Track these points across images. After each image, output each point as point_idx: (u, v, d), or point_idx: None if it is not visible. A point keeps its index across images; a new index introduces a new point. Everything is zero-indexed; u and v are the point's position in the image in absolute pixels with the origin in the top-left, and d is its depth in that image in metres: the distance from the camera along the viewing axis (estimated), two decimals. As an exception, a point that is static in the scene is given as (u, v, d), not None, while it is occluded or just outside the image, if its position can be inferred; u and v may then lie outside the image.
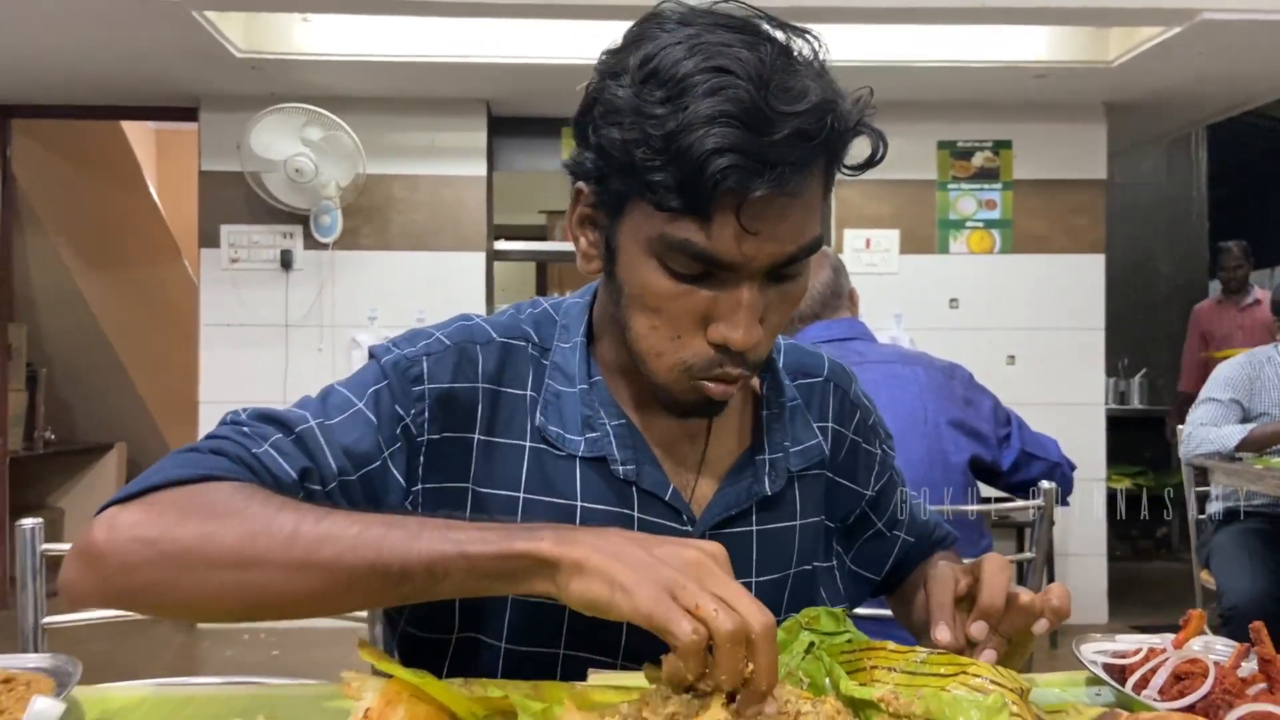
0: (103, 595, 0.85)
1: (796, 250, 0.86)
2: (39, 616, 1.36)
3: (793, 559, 1.06)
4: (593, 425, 0.97)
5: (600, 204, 0.91)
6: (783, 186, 0.81)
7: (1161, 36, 3.97)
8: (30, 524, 1.37)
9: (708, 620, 0.68)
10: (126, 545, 0.81)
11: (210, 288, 4.82)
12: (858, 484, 1.13)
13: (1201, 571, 3.37)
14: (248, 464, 0.88)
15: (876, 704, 0.73)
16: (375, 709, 0.76)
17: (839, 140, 0.86)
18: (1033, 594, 0.89)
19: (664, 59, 0.82)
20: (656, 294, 0.87)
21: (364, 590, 0.79)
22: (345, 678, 0.81)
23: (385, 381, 0.96)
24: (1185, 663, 0.85)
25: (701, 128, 0.79)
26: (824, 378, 1.13)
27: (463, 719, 0.76)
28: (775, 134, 0.80)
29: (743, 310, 0.85)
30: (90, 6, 3.57)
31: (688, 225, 0.83)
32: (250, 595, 0.80)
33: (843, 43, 4.30)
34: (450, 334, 0.99)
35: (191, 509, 0.82)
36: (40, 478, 6.16)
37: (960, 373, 2.06)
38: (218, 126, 4.76)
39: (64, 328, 6.16)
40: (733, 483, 1.02)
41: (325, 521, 0.79)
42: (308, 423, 0.93)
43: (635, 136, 0.82)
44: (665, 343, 0.89)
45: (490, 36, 4.24)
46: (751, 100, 0.79)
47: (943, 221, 4.98)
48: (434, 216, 4.88)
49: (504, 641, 0.98)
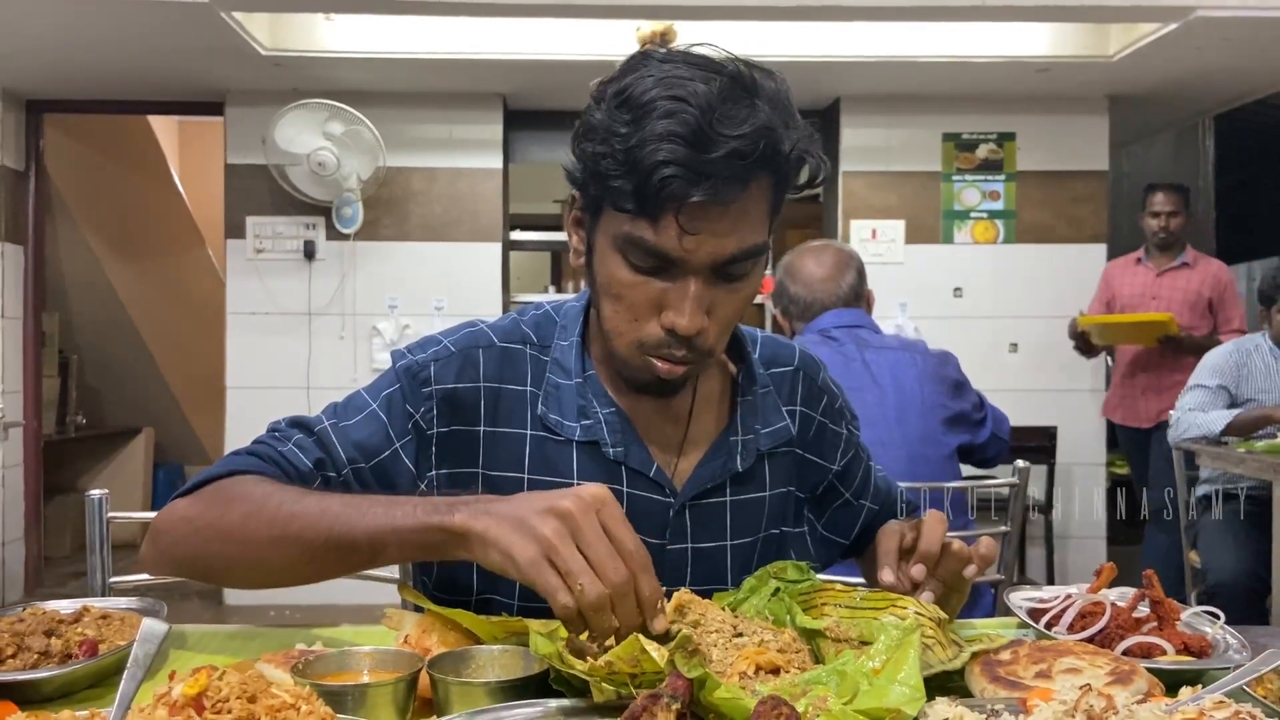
0: (162, 564, 1.11)
1: (736, 251, 1.01)
2: (106, 577, 1.53)
3: (762, 525, 1.21)
4: (587, 413, 1.14)
5: (585, 208, 1.08)
6: (718, 195, 0.96)
7: (1159, 32, 4.07)
8: (98, 494, 1.53)
9: (574, 593, 0.81)
10: (175, 525, 1.07)
11: (236, 277, 4.99)
12: (825, 459, 1.29)
13: (1190, 552, 3.50)
14: (274, 460, 1.09)
15: (823, 632, 0.88)
16: (413, 636, 0.92)
17: (779, 161, 1.01)
18: (963, 543, 1.04)
19: (635, 88, 0.99)
20: (619, 283, 1.04)
21: (325, 560, 0.98)
22: (388, 613, 0.97)
23: (398, 385, 1.14)
24: (1091, 604, 1.00)
25: (653, 144, 0.95)
26: (794, 367, 1.28)
27: (485, 640, 0.92)
28: (714, 152, 0.95)
29: (689, 300, 1.01)
30: (121, 6, 3.71)
31: (641, 225, 0.99)
32: (249, 563, 1.02)
33: (850, 39, 4.43)
34: (456, 341, 1.17)
35: (219, 497, 1.04)
36: (71, 460, 6.35)
37: (951, 359, 2.24)
38: (243, 121, 4.92)
39: (94, 316, 6.34)
40: (709, 460, 1.17)
41: (300, 503, 0.98)
42: (324, 424, 1.13)
43: (604, 150, 0.99)
44: (625, 324, 1.06)
45: (506, 33, 4.37)
46: (697, 123, 0.95)
47: (947, 212, 5.10)
48: (452, 208, 5.03)
49: (516, 600, 1.14)
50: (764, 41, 4.43)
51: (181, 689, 0.65)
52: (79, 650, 0.96)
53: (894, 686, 0.74)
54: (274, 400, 4.85)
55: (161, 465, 6.85)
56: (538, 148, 5.27)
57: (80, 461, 6.45)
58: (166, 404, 6.87)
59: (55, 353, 5.91)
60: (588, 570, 0.82)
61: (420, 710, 0.83)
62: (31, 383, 5.14)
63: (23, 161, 5.04)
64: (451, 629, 0.93)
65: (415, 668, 0.83)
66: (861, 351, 2.12)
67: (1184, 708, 0.68)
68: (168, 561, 1.09)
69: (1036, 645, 0.89)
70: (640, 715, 0.66)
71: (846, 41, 4.45)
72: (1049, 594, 1.07)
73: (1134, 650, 0.93)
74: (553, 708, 0.79)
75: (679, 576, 1.15)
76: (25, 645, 0.95)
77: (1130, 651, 0.93)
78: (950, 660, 0.86)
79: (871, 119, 5.07)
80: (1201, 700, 0.70)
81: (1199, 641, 0.95)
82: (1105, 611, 0.97)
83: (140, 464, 6.57)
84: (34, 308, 5.12)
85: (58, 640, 0.97)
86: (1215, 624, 0.99)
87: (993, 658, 0.88)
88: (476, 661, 0.88)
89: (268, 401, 4.86)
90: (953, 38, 4.45)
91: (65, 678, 0.91)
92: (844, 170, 5.08)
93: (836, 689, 0.76)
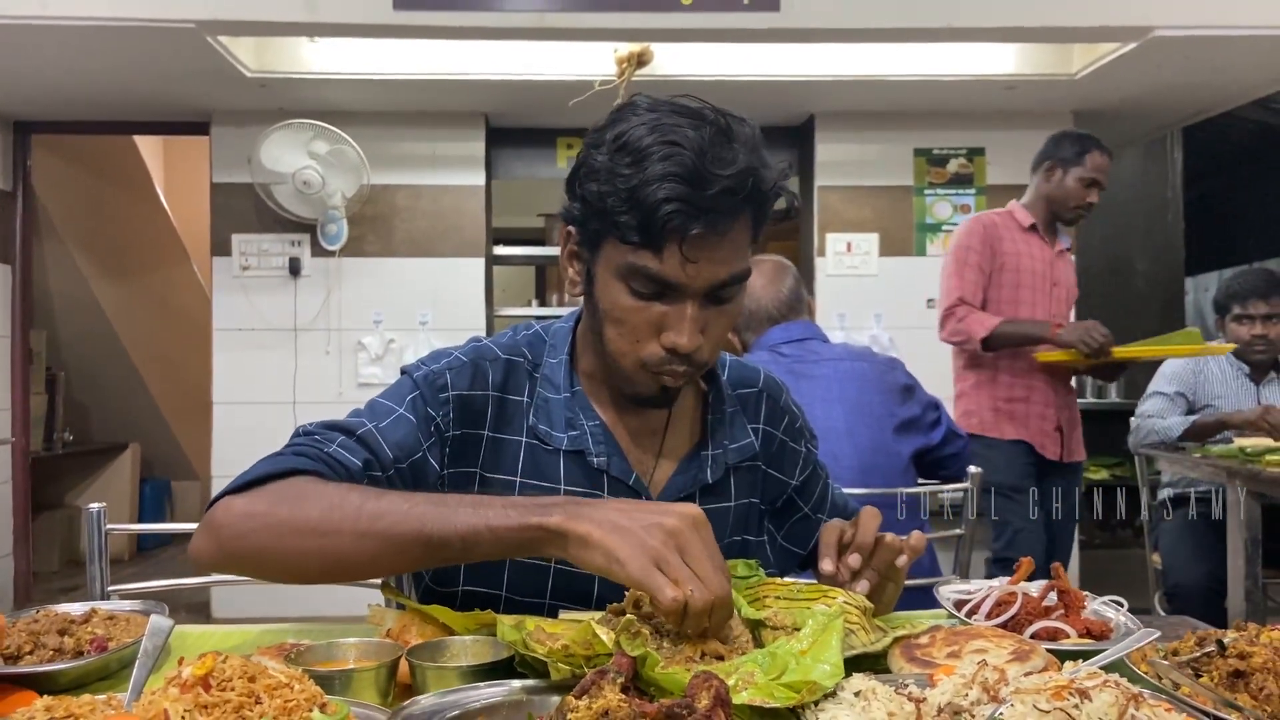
0: (221, 559, 1.10)
1: (728, 276, 1.14)
2: (105, 585, 1.62)
3: (727, 533, 1.33)
4: (574, 425, 1.25)
5: (583, 242, 1.20)
6: (714, 228, 1.09)
7: (1119, 51, 4.22)
8: (96, 507, 1.62)
9: (685, 595, 0.90)
10: (239, 520, 1.07)
11: (222, 294, 5.07)
12: (784, 475, 1.41)
13: (1153, 554, 3.62)
14: (324, 460, 1.14)
15: (764, 621, 0.99)
16: (394, 630, 1.01)
17: (761, 197, 1.14)
18: (896, 535, 1.15)
19: (631, 135, 1.11)
20: (622, 309, 1.15)
21: (411, 555, 1.03)
22: (371, 609, 1.07)
23: (418, 391, 1.23)
24: (1007, 594, 1.11)
25: (655, 183, 1.08)
26: (759, 388, 1.41)
27: (459, 632, 1.02)
28: (710, 190, 1.08)
29: (687, 321, 1.13)
30: (109, 31, 3.79)
31: (645, 255, 1.11)
32: (329, 557, 1.04)
33: (824, 59, 4.55)
34: (466, 353, 1.28)
35: (284, 494, 1.08)
36: (59, 476, 6.41)
37: (898, 364, 2.32)
38: (229, 141, 5.01)
39: (81, 333, 6.41)
40: (683, 472, 1.30)
41: (383, 500, 1.04)
42: (365, 426, 1.19)
43: (608, 190, 1.11)
44: (628, 345, 1.17)
45: (487, 54, 4.48)
46: (694, 164, 1.08)
47: (920, 225, 5.22)
48: (435, 224, 5.13)
49: (504, 591, 1.25)
50: (740, 62, 4.56)
51: (191, 670, 0.75)
52: (89, 647, 1.05)
53: (817, 665, 0.85)
54: (260, 415, 4.93)
55: (148, 480, 6.91)
56: (519, 164, 5.38)
57: (68, 477, 6.51)
58: (153, 419, 6.93)
59: (43, 370, 5.97)
60: (695, 579, 0.91)
61: (400, 694, 0.93)
62: (19, 399, 5.20)
63: (10, 181, 5.12)
64: (429, 623, 1.03)
65: (396, 655, 0.94)
66: (810, 366, 2.20)
67: (1058, 678, 0.78)
68: (228, 556, 1.09)
69: (951, 630, 1.00)
70: (590, 689, 0.76)
71: (820, 61, 4.58)
72: (974, 586, 1.18)
73: (1040, 634, 1.04)
74: (517, 687, 0.89)
75: None
76: (41, 643, 1.05)
77: (1037, 635, 1.03)
78: (873, 644, 0.97)
79: (845, 135, 5.20)
80: (1079, 672, 0.80)
81: (1100, 626, 1.06)
82: (1017, 600, 1.08)
83: (127, 479, 6.63)
84: (22, 325, 5.18)
85: (70, 639, 1.07)
86: (1119, 611, 1.10)
87: (912, 641, 0.99)
88: (451, 650, 0.99)
89: (254, 416, 4.95)
90: (923, 57, 4.58)
91: (79, 670, 1.01)
92: (819, 185, 5.20)
93: (766, 668, 0.86)
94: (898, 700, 0.83)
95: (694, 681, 0.76)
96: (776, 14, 3.80)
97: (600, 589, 1.24)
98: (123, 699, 0.86)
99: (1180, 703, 0.83)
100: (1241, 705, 0.84)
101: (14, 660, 1.02)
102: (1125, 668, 0.94)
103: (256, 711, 0.73)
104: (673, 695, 0.78)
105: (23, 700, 0.92)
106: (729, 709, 0.75)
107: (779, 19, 3.81)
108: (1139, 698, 0.76)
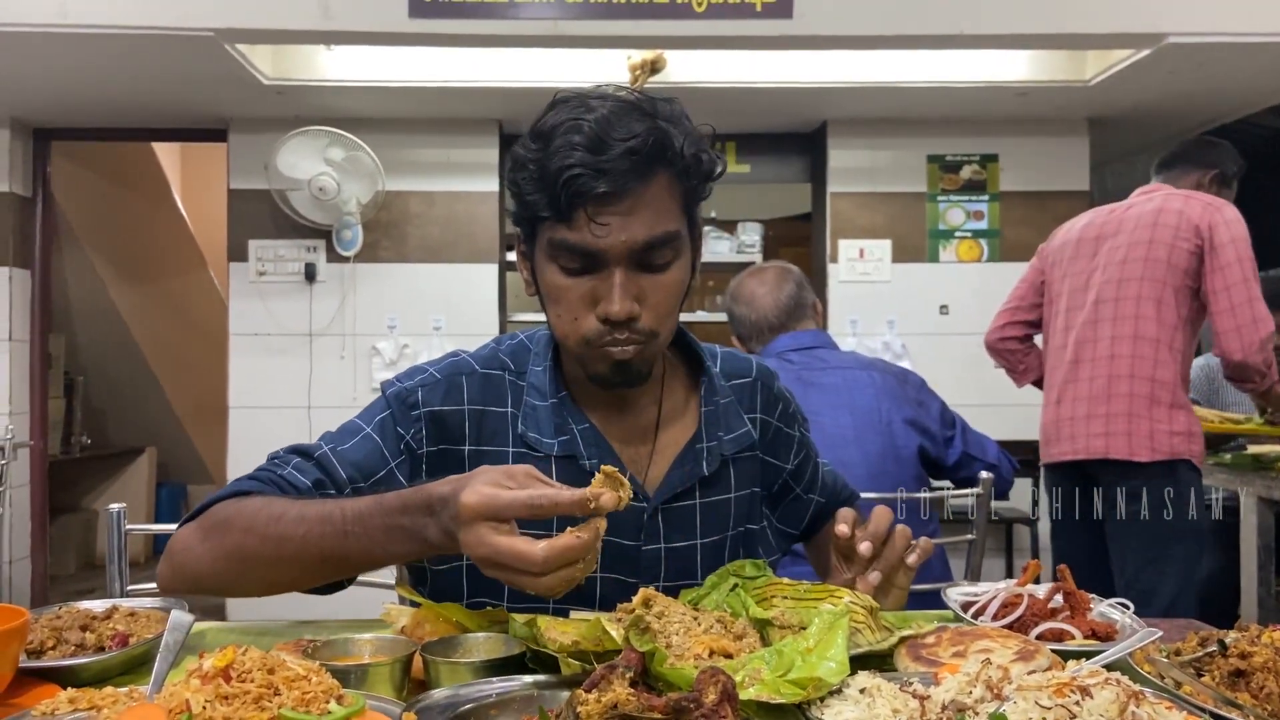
0: (176, 582, 1.20)
1: (649, 237, 1.14)
2: (124, 584, 1.64)
3: (730, 524, 1.33)
4: (563, 429, 1.26)
5: (525, 238, 1.23)
6: (621, 187, 1.11)
7: (1133, 58, 4.22)
8: (117, 508, 1.65)
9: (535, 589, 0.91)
10: (181, 549, 1.17)
11: (238, 299, 5.11)
12: (779, 460, 1.42)
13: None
14: (274, 483, 1.18)
15: (771, 621, 1.00)
16: (408, 626, 1.03)
17: (672, 157, 1.15)
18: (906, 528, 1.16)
19: (544, 123, 1.16)
20: (557, 288, 1.18)
21: (324, 573, 1.10)
22: (386, 608, 1.09)
23: (389, 410, 1.26)
24: (1013, 596, 1.12)
25: (559, 155, 1.11)
26: (753, 378, 1.42)
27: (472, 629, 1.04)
28: (610, 153, 1.10)
29: (615, 288, 1.14)
30: (128, 39, 3.84)
31: (560, 229, 1.14)
32: (254, 581, 1.13)
33: (837, 65, 4.57)
34: (441, 369, 1.30)
35: (217, 521, 1.14)
36: (76, 480, 6.47)
37: (913, 378, 2.31)
38: (246, 147, 5.06)
39: (99, 338, 6.47)
40: (678, 467, 1.29)
41: (283, 523, 1.08)
42: (323, 449, 1.23)
43: (523, 175, 1.15)
44: (568, 324, 1.19)
45: (502, 62, 4.52)
46: (594, 133, 1.10)
47: (933, 231, 5.23)
48: (449, 230, 5.16)
49: (505, 601, 1.26)
50: (753, 68, 4.58)
51: (211, 662, 0.77)
52: (111, 642, 1.08)
53: (823, 662, 0.86)
54: (276, 420, 4.97)
55: (164, 484, 6.97)
56: (533, 171, 5.39)
57: (85, 481, 6.57)
58: (169, 424, 6.98)
59: (61, 374, 6.03)
60: (517, 570, 0.92)
61: (414, 689, 0.95)
62: (38, 404, 5.25)
63: (30, 188, 5.17)
64: (442, 621, 1.05)
65: (410, 651, 0.95)
66: (818, 374, 2.20)
67: (1060, 675, 0.79)
68: (181, 580, 1.19)
69: (958, 630, 1.01)
70: (599, 683, 0.78)
71: (833, 67, 4.59)
72: (981, 589, 1.19)
73: (1046, 635, 1.05)
74: (528, 681, 0.91)
75: (654, 574, 1.27)
76: (63, 638, 1.07)
77: (1042, 636, 1.05)
78: (879, 643, 0.98)
79: (858, 141, 5.21)
80: (1080, 670, 0.82)
81: (1106, 627, 1.07)
82: (1023, 602, 1.09)
83: (144, 483, 6.69)
84: (40, 330, 5.23)
85: (91, 634, 1.09)
86: (1125, 613, 1.11)
87: (918, 641, 1.00)
88: (464, 646, 1.01)
89: (269, 421, 4.99)
90: (935, 63, 4.59)
91: (101, 664, 1.03)
92: (832, 191, 5.22)
93: (773, 664, 0.88)
94: (902, 697, 0.84)
95: (701, 677, 0.78)
96: (789, 21, 3.82)
97: (602, 590, 1.25)
98: (144, 692, 0.88)
99: (1181, 701, 0.84)
100: (1242, 704, 0.85)
101: (37, 655, 1.05)
102: (1128, 667, 0.95)
103: (275, 703, 0.75)
104: (681, 690, 0.80)
105: (46, 693, 0.94)
106: (736, 704, 0.77)
107: (792, 26, 3.83)
108: (1140, 695, 0.78)
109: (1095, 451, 2.72)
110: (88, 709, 0.85)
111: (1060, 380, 2.84)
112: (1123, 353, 2.71)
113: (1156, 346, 2.68)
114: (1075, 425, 2.77)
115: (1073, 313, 2.85)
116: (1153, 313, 2.69)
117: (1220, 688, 0.89)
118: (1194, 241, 2.67)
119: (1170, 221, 2.70)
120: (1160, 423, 2.66)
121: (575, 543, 0.90)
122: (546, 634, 0.94)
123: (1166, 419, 2.66)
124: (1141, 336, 2.69)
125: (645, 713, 0.75)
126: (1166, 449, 2.64)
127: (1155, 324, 2.68)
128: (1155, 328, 2.68)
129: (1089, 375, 2.76)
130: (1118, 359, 2.71)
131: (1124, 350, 2.71)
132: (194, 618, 1.00)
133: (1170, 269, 2.68)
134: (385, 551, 1.02)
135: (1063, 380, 2.83)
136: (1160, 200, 2.77)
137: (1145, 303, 2.70)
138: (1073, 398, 2.79)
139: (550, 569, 0.89)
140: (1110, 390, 2.71)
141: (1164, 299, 2.68)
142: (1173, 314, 2.69)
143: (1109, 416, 2.71)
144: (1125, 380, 2.69)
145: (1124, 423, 2.68)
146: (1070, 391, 2.80)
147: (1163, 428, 2.65)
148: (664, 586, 1.22)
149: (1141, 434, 2.66)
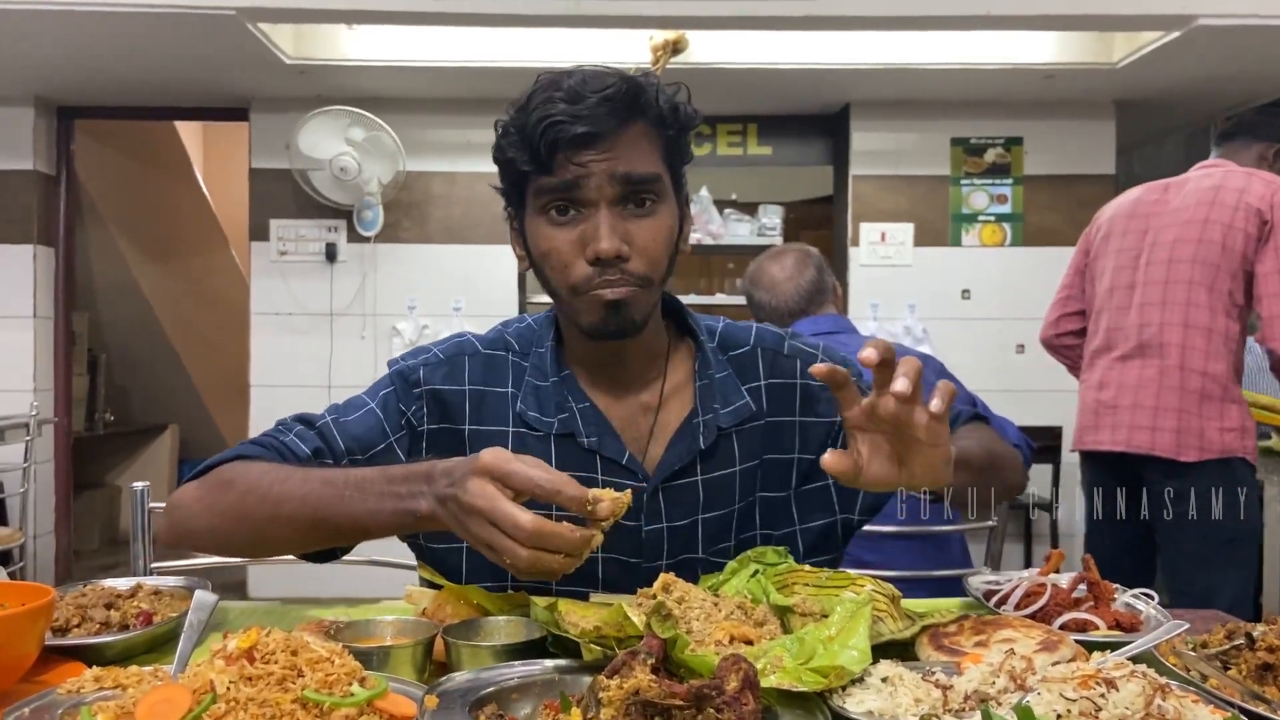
0: (173, 539, 1.22)
1: (628, 172, 1.16)
2: (148, 561, 1.66)
3: (735, 497, 1.30)
4: (563, 408, 1.26)
5: (515, 213, 1.26)
6: (595, 127, 1.13)
7: (1162, 40, 4.16)
8: (141, 486, 1.67)
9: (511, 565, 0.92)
10: (181, 505, 1.19)
11: (260, 278, 5.14)
12: (821, 415, 1.34)
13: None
14: (275, 448, 1.22)
15: (792, 608, 1.00)
16: (430, 609, 1.03)
17: (646, 106, 1.18)
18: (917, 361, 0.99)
19: (526, 91, 1.18)
20: (547, 239, 1.19)
21: (316, 537, 1.12)
22: (408, 590, 1.09)
23: (393, 387, 1.29)
24: (1036, 585, 1.11)
25: (538, 111, 1.14)
26: (751, 345, 1.36)
27: (493, 612, 1.04)
28: (585, 102, 1.13)
29: (601, 227, 1.16)
30: (150, 18, 3.85)
31: (544, 178, 1.16)
32: (250, 540, 1.16)
33: (860, 47, 4.52)
34: (444, 349, 1.33)
35: (220, 480, 1.17)
36: (99, 457, 6.53)
37: (932, 363, 2.29)
38: (267, 127, 5.07)
39: (122, 316, 6.51)
40: (675, 444, 1.27)
41: (288, 484, 1.11)
42: (325, 419, 1.27)
43: (506, 142, 1.19)
44: (560, 275, 1.20)
45: (522, 42, 4.50)
46: (570, 87, 1.14)
47: (955, 215, 5.19)
48: (470, 211, 5.16)
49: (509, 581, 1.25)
50: (776, 50, 4.54)
51: (235, 642, 0.77)
52: (135, 620, 1.08)
53: (845, 651, 0.86)
54: (297, 398, 4.99)
55: (186, 461, 7.02)
56: (554, 151, 5.38)
57: (108, 458, 6.63)
58: (191, 402, 7.03)
59: (85, 352, 6.08)
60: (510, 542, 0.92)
61: (436, 671, 0.95)
62: (62, 381, 5.30)
63: (54, 166, 5.20)
64: (464, 603, 1.05)
65: (432, 633, 0.96)
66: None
67: (1085, 667, 0.79)
68: (179, 535, 1.21)
69: (980, 619, 1.01)
70: (621, 669, 0.78)
71: (856, 49, 4.55)
72: (1004, 577, 1.18)
73: (1069, 625, 1.04)
74: (549, 666, 0.91)
75: (656, 553, 1.26)
76: (88, 616, 1.08)
77: (1066, 627, 1.04)
78: (901, 631, 0.98)
79: (881, 124, 5.17)
80: (1106, 662, 0.81)
81: (1130, 618, 1.06)
82: (1046, 591, 1.09)
83: (166, 460, 6.75)
84: (64, 308, 5.27)
85: (115, 612, 1.10)
86: (1149, 603, 1.10)
87: (940, 630, 0.99)
88: (485, 629, 1.01)
89: (290, 399, 5.01)
90: (960, 45, 4.54)
91: (126, 642, 1.04)
92: (854, 174, 5.18)
93: (795, 652, 0.88)
94: (925, 687, 0.83)
95: (723, 664, 0.78)
96: (813, 1, 3.79)
97: (604, 572, 1.25)
98: (169, 670, 0.88)
99: (1208, 694, 0.84)
100: (1269, 698, 0.85)
101: (62, 633, 1.06)
102: (1153, 659, 0.94)
103: (299, 684, 0.75)
104: (702, 677, 0.79)
105: (71, 671, 0.94)
106: (757, 691, 0.77)
107: (815, 6, 3.80)
108: (1166, 688, 0.77)
109: (1139, 446, 2.58)
110: (113, 688, 0.86)
111: (1104, 364, 2.71)
112: (1172, 341, 2.55)
113: (1209, 336, 2.52)
114: (1119, 415, 2.63)
115: (1117, 292, 2.71)
116: (1204, 299, 2.53)
117: (1248, 681, 0.88)
118: (1254, 223, 2.50)
119: (1229, 201, 2.53)
120: (1211, 420, 2.51)
121: (566, 533, 0.92)
122: (568, 618, 0.94)
123: (1218, 415, 2.51)
124: (1192, 325, 2.54)
125: (667, 699, 0.75)
126: (1218, 447, 2.51)
127: (1207, 311, 2.52)
128: (1207, 315, 2.52)
129: (1137, 364, 2.62)
130: (1167, 348, 2.56)
131: (1173, 339, 2.55)
132: (218, 597, 1.01)
133: (1225, 252, 2.51)
134: (372, 518, 1.04)
135: (1106, 365, 2.70)
136: (1220, 177, 2.60)
137: (1197, 288, 2.54)
138: (1118, 384, 2.65)
139: (534, 544, 0.91)
140: (1161, 382, 2.56)
141: (1216, 285, 2.52)
142: (1225, 300, 2.53)
143: (1156, 410, 2.56)
144: (1175, 372, 2.55)
145: (1172, 418, 2.54)
146: (1115, 377, 2.66)
147: (1213, 425, 2.51)
148: (667, 564, 1.24)
149: (1191, 432, 2.52)
